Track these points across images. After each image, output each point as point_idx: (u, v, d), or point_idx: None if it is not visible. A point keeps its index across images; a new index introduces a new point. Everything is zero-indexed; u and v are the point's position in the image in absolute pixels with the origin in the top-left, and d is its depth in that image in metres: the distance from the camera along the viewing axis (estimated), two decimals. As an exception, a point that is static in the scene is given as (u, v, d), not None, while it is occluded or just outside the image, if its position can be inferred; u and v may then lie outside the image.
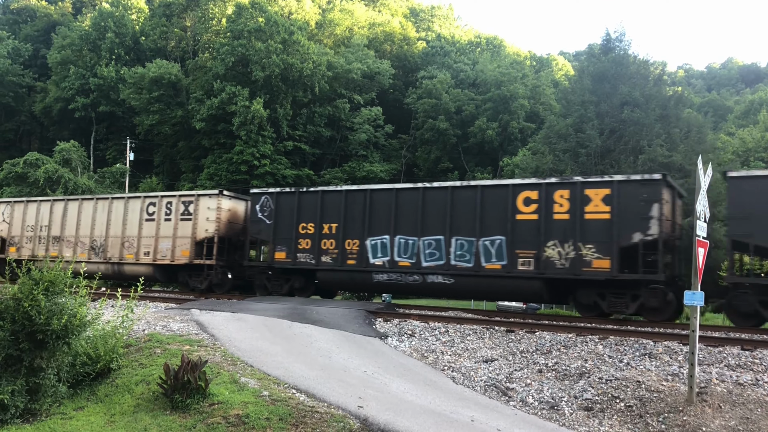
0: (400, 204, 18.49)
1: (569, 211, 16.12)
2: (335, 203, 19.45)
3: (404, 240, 18.27)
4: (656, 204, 15.18)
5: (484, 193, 17.36)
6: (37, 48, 68.90)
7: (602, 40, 36.53)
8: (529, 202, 16.71)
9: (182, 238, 22.43)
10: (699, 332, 9.54)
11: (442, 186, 18.18)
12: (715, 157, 31.04)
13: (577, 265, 15.83)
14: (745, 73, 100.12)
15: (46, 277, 9.25)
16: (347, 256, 19.11)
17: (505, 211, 16.93)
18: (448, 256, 17.51)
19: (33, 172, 43.90)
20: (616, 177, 16.10)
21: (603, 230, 15.66)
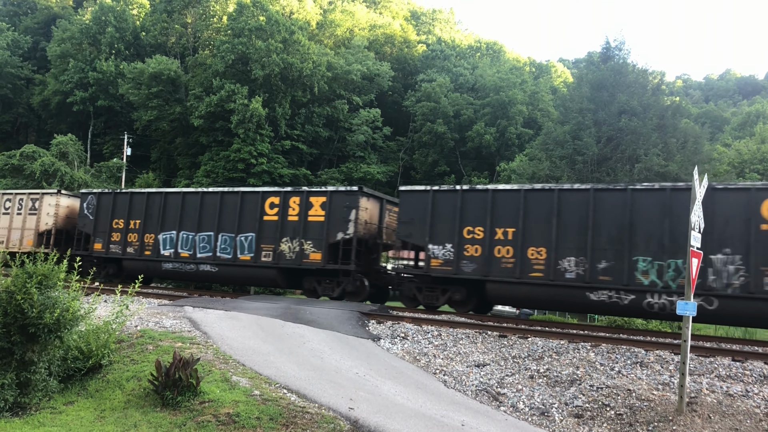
0: (186, 205, 22.13)
1: (299, 214, 20.07)
2: (139, 203, 22.85)
3: (186, 235, 21.98)
4: (354, 210, 19.26)
5: (243, 198, 21.10)
6: (36, 40, 68.73)
7: (602, 49, 36.73)
8: (273, 206, 20.61)
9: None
10: (690, 342, 9.57)
11: (215, 191, 21.99)
12: (711, 167, 31.21)
13: (300, 257, 19.79)
14: (742, 85, 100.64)
15: (40, 270, 9.24)
16: (145, 247, 22.77)
17: (255, 213, 20.74)
18: (215, 250, 21.34)
19: (29, 165, 43.77)
20: (330, 188, 20.27)
21: (319, 230, 19.65)
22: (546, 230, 16.42)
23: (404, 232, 18.43)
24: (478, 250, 17.21)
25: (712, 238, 14.37)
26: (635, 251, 15.31)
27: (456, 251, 17.41)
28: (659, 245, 15.10)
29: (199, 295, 20.92)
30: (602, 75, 33.52)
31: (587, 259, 15.78)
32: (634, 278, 15.19)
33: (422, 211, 18.09)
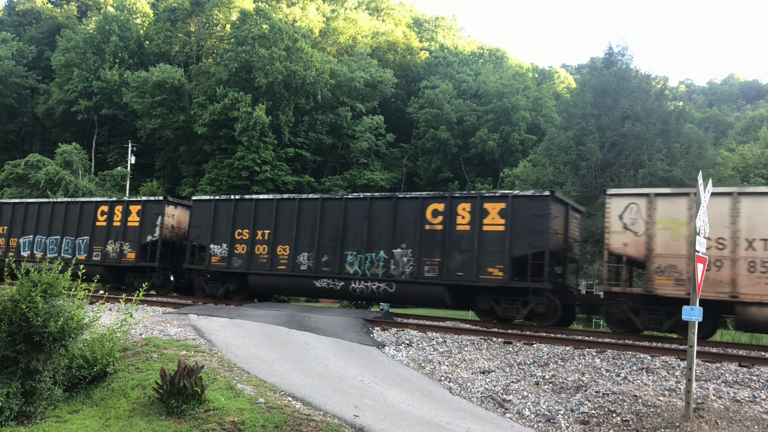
0: (41, 213, 25.42)
1: (121, 220, 23.56)
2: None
3: (40, 238, 25.30)
4: (160, 216, 23.03)
5: (82, 207, 24.55)
6: (41, 50, 69.13)
7: (604, 54, 36.65)
8: (103, 213, 24.04)
9: None
10: (697, 347, 9.52)
11: (58, 201, 25.64)
12: (716, 172, 31.12)
13: (120, 257, 23.33)
14: (746, 90, 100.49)
15: (45, 279, 9.25)
16: (10, 249, 25.72)
17: (90, 219, 24.12)
18: (60, 250, 24.56)
19: (34, 174, 43.97)
20: (143, 198, 24.45)
21: (133, 233, 23.14)
22: (290, 232, 20.32)
23: (194, 234, 22.38)
24: (245, 248, 21.13)
25: (395, 237, 18.51)
26: (345, 247, 19.28)
27: (229, 249, 21.38)
28: (361, 242, 19.03)
29: (203, 303, 20.93)
30: (605, 80, 33.49)
31: (315, 254, 19.74)
32: (345, 268, 19.19)
33: (207, 217, 21.96)
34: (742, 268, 14.21)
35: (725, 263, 14.42)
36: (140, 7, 68.28)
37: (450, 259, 17.59)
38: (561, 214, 17.81)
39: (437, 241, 17.87)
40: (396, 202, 18.85)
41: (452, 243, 17.69)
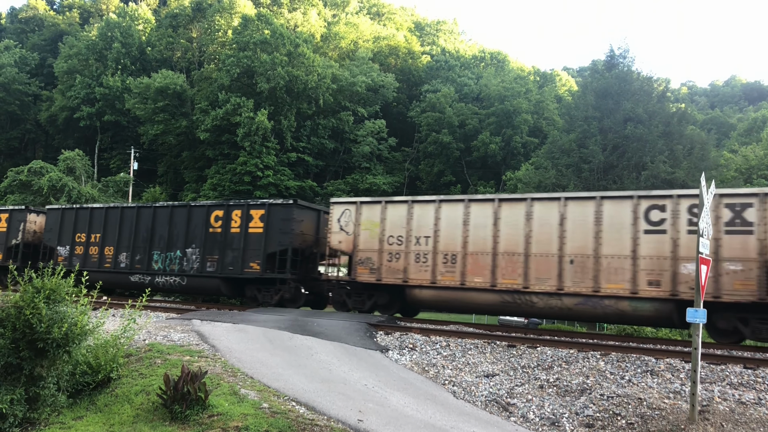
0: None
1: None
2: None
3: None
4: (23, 222, 26.41)
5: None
6: (44, 57, 69.40)
7: (606, 57, 36.64)
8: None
9: None
10: (701, 350, 9.50)
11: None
12: (718, 174, 31.09)
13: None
14: (748, 91, 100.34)
15: (48, 285, 9.26)
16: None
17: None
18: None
19: (37, 181, 44.05)
20: (10, 207, 27.49)
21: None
22: (114, 235, 23.68)
23: (47, 237, 25.45)
24: (82, 249, 24.35)
25: (188, 238, 22.12)
26: (153, 248, 22.85)
27: (70, 251, 24.53)
28: (164, 243, 22.58)
29: (207, 308, 20.95)
30: (607, 83, 33.49)
31: (131, 254, 23.19)
32: (151, 265, 22.69)
33: (55, 223, 25.14)
34: (411, 259, 18.30)
35: (402, 255, 18.46)
36: (142, 14, 68.55)
37: (225, 256, 21.34)
38: (309, 219, 21.37)
39: (217, 241, 21.60)
40: (190, 209, 22.59)
41: (227, 243, 21.41)
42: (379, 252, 18.80)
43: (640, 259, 15.29)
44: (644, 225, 15.43)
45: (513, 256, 16.97)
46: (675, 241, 15.07)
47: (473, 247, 17.57)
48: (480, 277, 17.31)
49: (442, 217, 18.09)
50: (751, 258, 14.24)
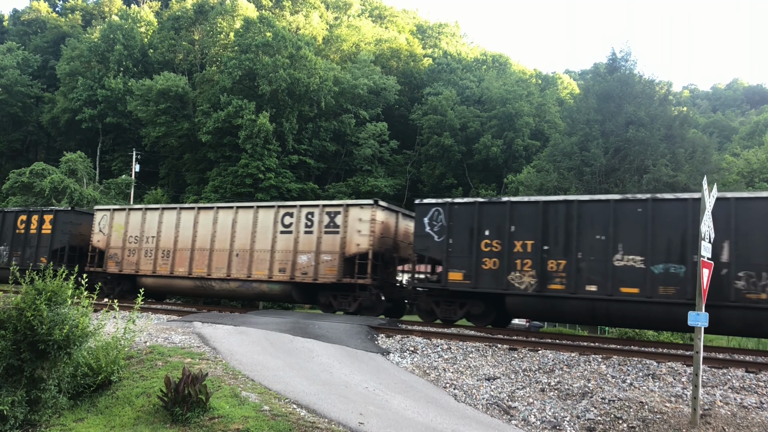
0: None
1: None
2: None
3: None
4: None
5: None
6: (46, 59, 69.50)
7: (608, 60, 36.65)
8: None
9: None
10: (703, 353, 9.48)
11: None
12: (720, 177, 31.07)
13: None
14: (750, 95, 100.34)
15: (49, 287, 9.27)
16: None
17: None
18: None
19: (39, 182, 44.10)
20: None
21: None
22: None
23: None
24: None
25: None
26: None
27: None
28: None
29: (208, 311, 20.95)
30: (609, 86, 33.49)
31: None
32: None
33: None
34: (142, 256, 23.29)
35: None
36: (144, 16, 68.65)
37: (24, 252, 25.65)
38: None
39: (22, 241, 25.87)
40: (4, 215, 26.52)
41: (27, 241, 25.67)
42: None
43: (276, 252, 20.77)
44: (280, 227, 20.83)
45: (203, 252, 22.13)
46: (296, 239, 20.37)
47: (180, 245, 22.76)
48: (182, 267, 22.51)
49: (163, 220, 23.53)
50: (336, 251, 19.64)
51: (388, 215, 20.24)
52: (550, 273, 16.34)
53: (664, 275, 14.92)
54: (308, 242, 20.33)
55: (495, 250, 17.12)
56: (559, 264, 16.26)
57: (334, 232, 19.88)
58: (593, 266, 15.81)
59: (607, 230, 15.77)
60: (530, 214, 16.88)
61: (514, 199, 17.57)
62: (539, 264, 16.45)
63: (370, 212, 19.41)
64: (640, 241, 15.31)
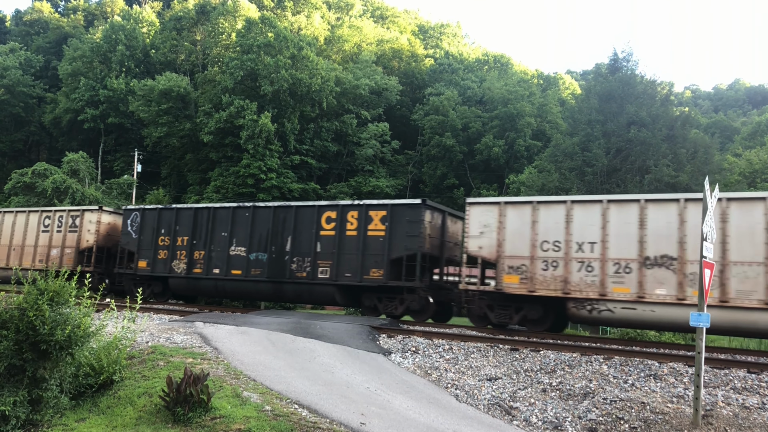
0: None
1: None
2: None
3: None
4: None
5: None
6: (48, 59, 69.61)
7: (609, 60, 36.61)
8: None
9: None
10: (705, 354, 9.47)
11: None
12: (722, 178, 31.01)
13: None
14: (752, 95, 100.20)
15: (51, 287, 9.28)
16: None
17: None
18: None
19: (41, 183, 44.18)
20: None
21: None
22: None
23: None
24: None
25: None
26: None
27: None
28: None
29: (209, 311, 20.96)
30: (610, 86, 33.45)
31: None
32: None
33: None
34: None
35: None
36: (146, 16, 68.74)
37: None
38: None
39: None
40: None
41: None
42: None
43: (38, 247, 25.89)
44: (42, 228, 25.97)
45: None
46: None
47: None
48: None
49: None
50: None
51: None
52: (195, 261, 22.30)
53: (255, 261, 21.09)
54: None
55: (165, 244, 22.91)
56: (200, 254, 22.21)
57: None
58: (219, 255, 21.80)
59: (228, 229, 21.77)
60: (188, 217, 22.83)
61: (179, 206, 23.53)
62: (189, 254, 22.35)
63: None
64: (245, 236, 21.33)
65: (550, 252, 16.38)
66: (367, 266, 19.07)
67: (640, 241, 15.21)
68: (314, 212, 20.48)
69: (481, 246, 17.38)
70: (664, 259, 14.89)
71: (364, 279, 19.05)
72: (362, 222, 19.43)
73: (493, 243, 17.15)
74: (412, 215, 18.72)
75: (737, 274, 14.06)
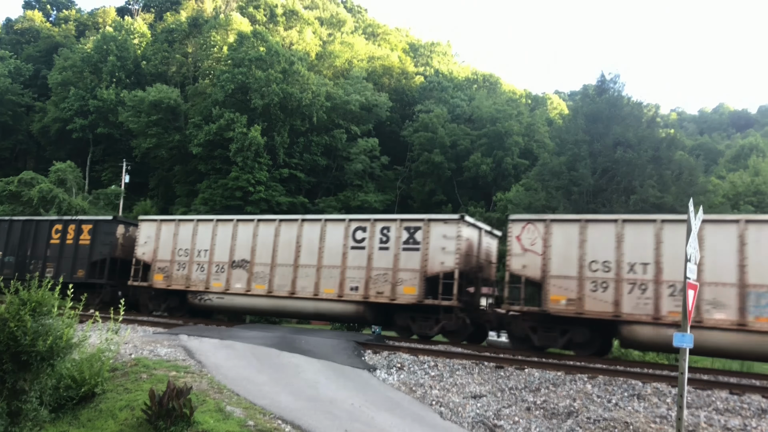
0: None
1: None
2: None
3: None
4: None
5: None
6: (38, 68, 69.35)
7: (597, 81, 37.07)
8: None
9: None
10: (688, 374, 9.53)
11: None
12: (706, 199, 31.33)
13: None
14: (735, 119, 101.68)
15: (34, 297, 9.19)
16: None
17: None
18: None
19: (27, 191, 43.79)
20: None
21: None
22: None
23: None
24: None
25: None
26: None
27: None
28: None
29: (195, 324, 20.78)
30: (597, 107, 33.83)
31: None
32: None
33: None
34: None
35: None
36: (138, 28, 68.74)
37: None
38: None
39: None
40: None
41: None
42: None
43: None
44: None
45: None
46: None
47: None
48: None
49: None
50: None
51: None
52: None
53: (6, 263, 25.83)
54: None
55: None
56: None
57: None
58: None
59: None
60: None
61: None
62: None
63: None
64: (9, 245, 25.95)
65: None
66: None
67: None
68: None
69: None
70: None
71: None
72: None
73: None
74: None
75: None
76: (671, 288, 15.07)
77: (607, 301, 15.72)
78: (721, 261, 14.75)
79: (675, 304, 14.79)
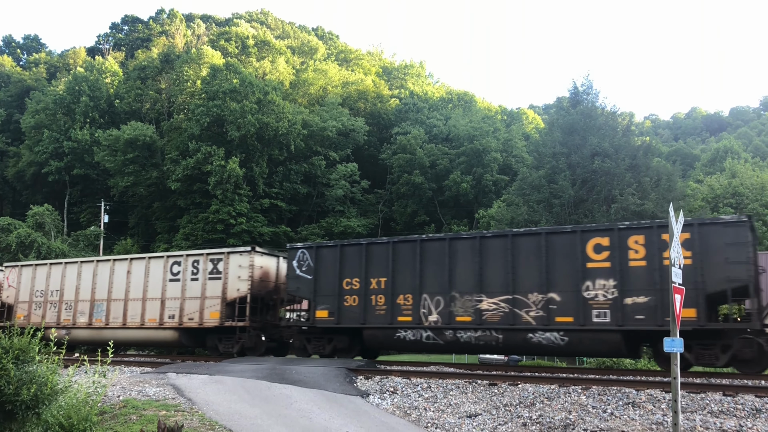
0: None
1: None
2: None
3: None
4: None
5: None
6: (10, 113, 68.91)
7: (570, 93, 37.47)
8: None
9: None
10: (681, 379, 9.53)
11: None
12: (686, 204, 31.72)
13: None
14: (708, 122, 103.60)
15: (17, 345, 8.99)
16: None
17: None
18: None
19: (5, 238, 43.20)
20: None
21: None
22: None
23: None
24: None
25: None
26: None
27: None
28: None
29: (182, 361, 20.49)
30: (572, 119, 34.21)
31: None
32: None
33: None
34: None
35: None
36: (110, 67, 68.70)
37: None
38: None
39: None
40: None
41: None
42: None
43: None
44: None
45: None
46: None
47: None
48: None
49: None
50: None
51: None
52: None
53: None
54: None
55: None
56: None
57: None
58: None
59: None
60: None
61: None
62: None
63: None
64: None
65: None
66: None
67: None
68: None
69: None
70: None
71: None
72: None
73: None
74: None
75: None
76: None
77: None
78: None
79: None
